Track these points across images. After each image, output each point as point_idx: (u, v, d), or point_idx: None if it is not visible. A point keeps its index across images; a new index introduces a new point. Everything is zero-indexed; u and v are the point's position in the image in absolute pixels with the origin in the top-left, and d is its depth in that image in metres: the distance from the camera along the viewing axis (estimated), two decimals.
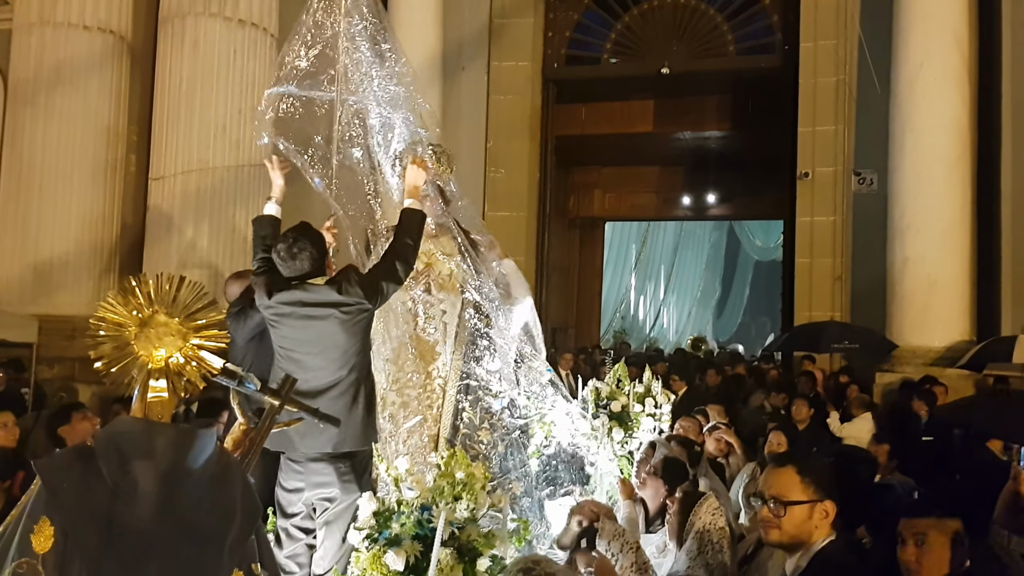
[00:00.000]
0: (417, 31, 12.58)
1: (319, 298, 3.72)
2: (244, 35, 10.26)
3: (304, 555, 3.72)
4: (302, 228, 3.88)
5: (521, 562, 2.46)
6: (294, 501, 3.73)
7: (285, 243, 3.79)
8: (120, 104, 10.23)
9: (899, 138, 10.73)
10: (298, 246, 3.75)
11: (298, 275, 3.77)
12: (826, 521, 2.49)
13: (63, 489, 1.78)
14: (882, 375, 10.27)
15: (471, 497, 2.87)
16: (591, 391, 6.18)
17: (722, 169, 17.56)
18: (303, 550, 3.72)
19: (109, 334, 1.92)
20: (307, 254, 3.75)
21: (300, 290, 3.75)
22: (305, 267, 3.76)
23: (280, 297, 3.76)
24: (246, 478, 2.08)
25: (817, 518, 2.48)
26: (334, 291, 3.73)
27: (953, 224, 10.45)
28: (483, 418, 4.50)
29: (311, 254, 3.76)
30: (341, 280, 3.79)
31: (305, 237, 3.80)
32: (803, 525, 2.47)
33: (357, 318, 3.77)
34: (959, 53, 10.56)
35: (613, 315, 27.68)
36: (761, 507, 2.53)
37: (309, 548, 3.72)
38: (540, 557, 2.76)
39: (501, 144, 13.65)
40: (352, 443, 3.67)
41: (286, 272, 3.79)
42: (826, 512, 2.48)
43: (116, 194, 10.20)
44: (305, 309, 3.73)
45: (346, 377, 3.73)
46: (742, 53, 13.61)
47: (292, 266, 3.76)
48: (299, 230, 3.85)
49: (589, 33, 14.31)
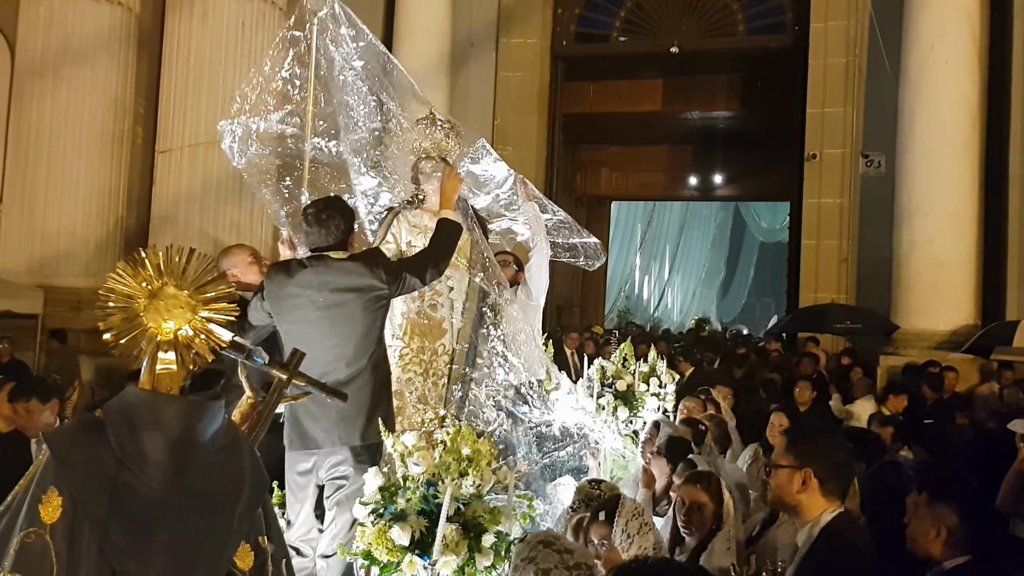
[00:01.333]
0: (427, 8, 12.51)
1: (341, 281, 3.61)
2: (253, 7, 10.22)
3: (315, 538, 3.64)
4: (334, 199, 3.81)
5: (541, 535, 2.49)
6: (303, 484, 3.65)
7: (315, 208, 3.71)
8: (128, 76, 10.21)
9: (908, 120, 10.67)
10: (327, 212, 3.67)
11: (321, 246, 3.68)
12: (811, 489, 2.62)
13: (72, 459, 1.79)
14: (886, 358, 10.26)
15: (477, 473, 2.87)
16: (596, 370, 6.19)
17: (730, 149, 17.52)
18: (314, 534, 3.65)
19: (118, 305, 1.91)
20: (335, 223, 3.66)
21: (322, 266, 3.63)
22: (330, 238, 3.67)
23: (300, 279, 3.63)
24: (254, 451, 2.09)
25: (797, 483, 2.64)
26: (358, 267, 3.63)
27: (961, 207, 10.40)
28: (489, 395, 4.51)
29: (339, 224, 3.68)
30: (364, 258, 3.70)
31: (335, 206, 3.73)
32: (786, 487, 2.67)
33: (376, 303, 3.67)
34: (971, 35, 10.47)
35: (618, 294, 27.70)
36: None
37: (318, 531, 3.64)
38: (557, 533, 2.82)
39: (509, 121, 13.61)
40: (377, 434, 3.45)
41: (310, 239, 3.70)
42: (805, 479, 2.62)
43: (123, 166, 10.20)
44: (325, 295, 3.61)
45: (366, 367, 3.63)
46: (752, 33, 13.53)
47: (317, 233, 3.67)
48: (330, 199, 3.79)
49: (599, 11, 14.22)
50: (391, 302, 3.93)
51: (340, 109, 4.62)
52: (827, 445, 2.78)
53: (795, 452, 2.71)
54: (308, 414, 3.52)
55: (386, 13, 12.95)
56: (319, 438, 3.55)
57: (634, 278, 29.49)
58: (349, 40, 4.57)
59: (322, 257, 3.67)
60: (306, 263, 3.70)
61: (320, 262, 3.65)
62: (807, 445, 2.74)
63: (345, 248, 3.74)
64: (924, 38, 10.54)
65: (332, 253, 3.67)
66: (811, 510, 2.64)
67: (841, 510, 2.65)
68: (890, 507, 3.45)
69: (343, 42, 4.55)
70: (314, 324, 3.60)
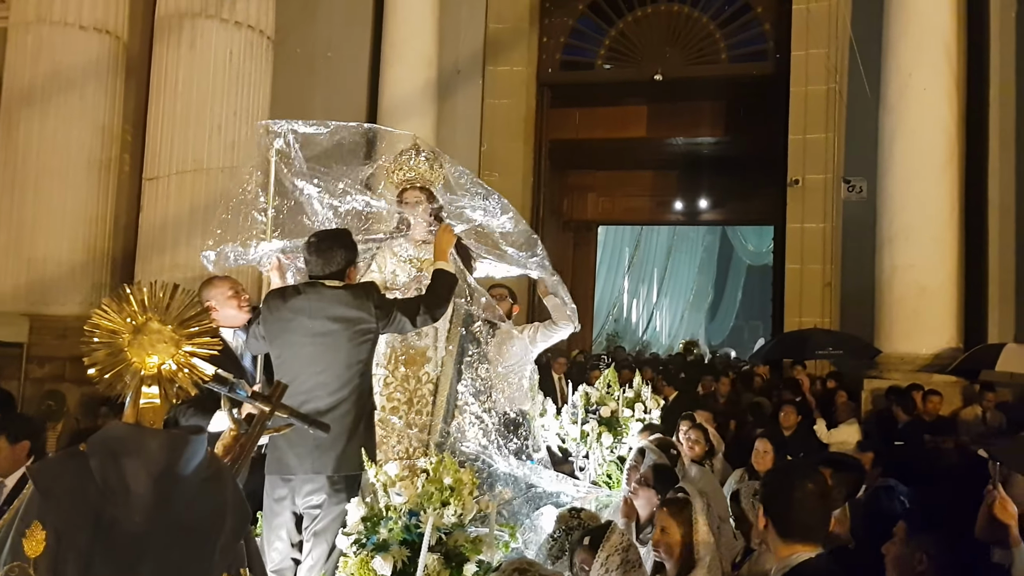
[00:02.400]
0: (413, 35, 12.63)
1: (332, 309, 3.67)
2: (241, 37, 10.28)
3: (289, 568, 3.63)
4: (339, 231, 3.91)
5: (516, 562, 2.50)
6: (279, 511, 3.64)
7: (318, 238, 3.80)
8: (115, 104, 10.25)
9: (888, 146, 10.81)
10: (329, 243, 3.76)
11: (318, 275, 3.75)
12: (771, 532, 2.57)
13: (56, 492, 1.82)
14: (870, 381, 10.33)
15: (458, 502, 2.91)
16: (581, 396, 6.22)
17: (715, 174, 17.67)
18: (288, 564, 3.63)
19: (103, 340, 1.95)
20: (336, 254, 3.75)
21: (315, 293, 3.69)
22: (328, 268, 3.74)
23: (294, 304, 3.70)
24: (236, 483, 2.13)
25: (761, 523, 2.60)
26: (350, 298, 3.69)
27: (942, 231, 10.51)
28: (472, 422, 4.54)
29: (339, 255, 3.76)
30: (357, 291, 3.74)
31: (338, 238, 3.81)
32: (756, 523, 2.69)
33: (363, 336, 3.71)
34: (948, 62, 10.64)
35: (606, 318, 27.73)
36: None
37: (294, 562, 3.63)
38: (531, 560, 2.82)
39: (496, 147, 13.70)
40: (353, 466, 3.55)
41: (310, 267, 3.78)
42: (766, 523, 2.58)
43: (110, 194, 10.21)
44: (316, 322, 3.66)
45: (348, 398, 3.65)
46: (735, 60, 13.70)
47: (316, 262, 3.75)
48: (335, 231, 3.88)
49: (584, 39, 14.38)
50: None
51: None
52: (791, 495, 2.60)
53: (763, 493, 2.71)
54: (286, 439, 3.52)
55: (373, 41, 13.07)
56: (293, 464, 3.58)
57: (622, 301, 29.55)
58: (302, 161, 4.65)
59: (317, 284, 3.75)
60: (301, 289, 3.79)
61: (314, 289, 3.74)
62: (771, 490, 2.69)
63: (342, 279, 3.81)
64: (903, 66, 10.70)
65: (327, 281, 3.75)
66: (777, 551, 2.60)
67: (812, 556, 2.55)
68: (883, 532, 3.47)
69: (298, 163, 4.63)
70: (302, 350, 3.67)
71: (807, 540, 2.57)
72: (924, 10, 10.65)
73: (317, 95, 12.69)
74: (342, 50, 13.17)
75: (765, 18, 13.44)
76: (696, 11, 13.79)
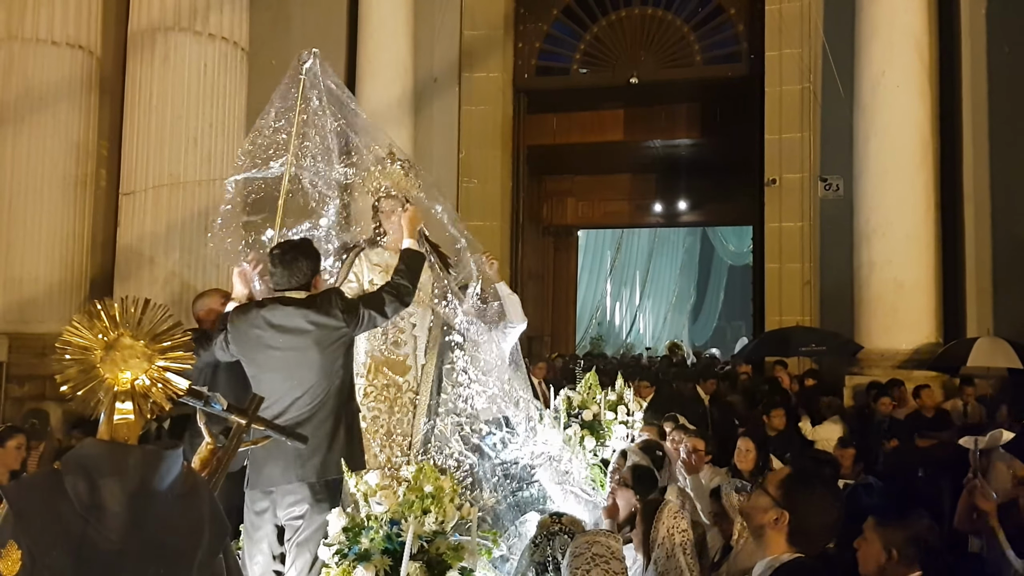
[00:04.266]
0: (388, 43, 12.63)
1: (297, 322, 3.65)
2: (215, 49, 10.25)
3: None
4: (301, 241, 3.90)
5: None
6: (260, 524, 3.63)
7: (281, 249, 3.78)
8: (90, 119, 10.18)
9: (863, 144, 10.91)
10: (292, 254, 3.75)
11: (284, 288, 3.73)
12: (780, 529, 2.54)
13: (30, 512, 1.80)
14: (851, 378, 10.40)
15: (439, 510, 2.91)
16: (563, 400, 6.22)
17: (693, 176, 17.76)
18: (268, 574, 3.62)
19: (75, 357, 1.94)
20: (299, 265, 3.73)
21: (278, 308, 3.67)
22: (293, 280, 3.72)
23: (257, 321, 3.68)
24: (213, 497, 2.11)
25: (771, 517, 2.55)
26: (315, 307, 3.67)
27: (918, 227, 10.62)
28: (454, 429, 4.54)
29: (302, 266, 3.74)
30: (320, 299, 3.73)
31: (300, 249, 3.80)
32: (759, 512, 2.59)
33: (334, 342, 3.70)
34: (920, 59, 10.76)
35: (589, 322, 27.79)
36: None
37: (276, 574, 3.62)
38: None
39: (474, 154, 13.72)
40: (336, 471, 3.52)
41: (275, 280, 3.76)
42: (779, 518, 2.54)
43: (87, 210, 10.14)
44: (282, 337, 3.65)
45: (325, 405, 3.64)
46: (709, 62, 13.79)
47: (281, 274, 3.73)
48: (296, 242, 3.87)
49: (558, 44, 14.44)
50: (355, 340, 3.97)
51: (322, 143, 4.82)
52: (819, 503, 2.59)
53: (785, 491, 2.60)
54: (265, 452, 3.52)
55: (348, 51, 13.05)
56: (275, 476, 3.56)
57: (605, 305, 29.62)
58: (334, 87, 4.91)
59: (280, 299, 3.72)
60: (265, 303, 3.76)
61: (277, 304, 3.71)
62: (801, 492, 2.60)
63: (308, 289, 3.79)
64: (875, 64, 10.81)
65: (292, 294, 3.73)
66: (773, 547, 2.56)
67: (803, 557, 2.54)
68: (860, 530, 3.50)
69: (325, 93, 4.83)
70: (273, 365, 3.65)
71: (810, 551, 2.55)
72: (895, 8, 10.77)
73: None
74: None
75: (738, 20, 13.54)
76: (669, 14, 13.88)
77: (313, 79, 4.73)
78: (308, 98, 4.71)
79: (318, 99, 4.74)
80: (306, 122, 4.72)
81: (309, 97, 4.72)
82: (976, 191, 11.24)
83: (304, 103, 4.68)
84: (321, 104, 4.75)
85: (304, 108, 4.68)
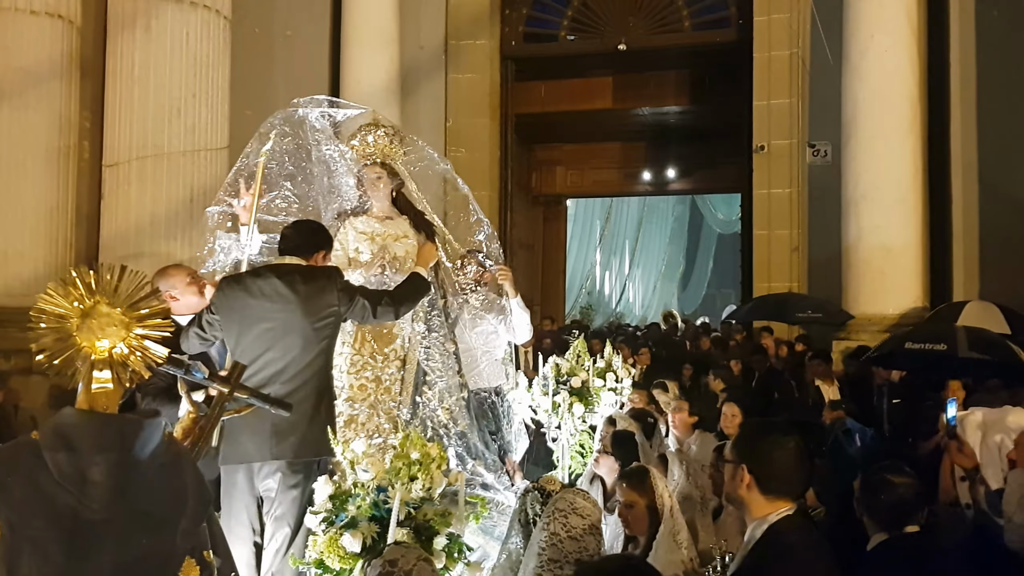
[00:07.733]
0: (373, 10, 12.48)
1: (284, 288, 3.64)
2: (197, 17, 10.09)
3: (252, 554, 3.61)
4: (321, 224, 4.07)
5: None
6: (238, 496, 3.62)
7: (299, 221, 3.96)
8: (71, 90, 10.03)
9: (851, 109, 10.86)
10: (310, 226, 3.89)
11: (288, 251, 3.78)
12: (751, 487, 2.57)
13: (8, 482, 1.79)
14: (839, 343, 10.44)
15: (426, 476, 2.90)
16: (551, 367, 6.22)
17: (682, 144, 17.69)
18: (250, 549, 3.61)
19: (50, 326, 1.92)
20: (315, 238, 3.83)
21: (272, 274, 3.67)
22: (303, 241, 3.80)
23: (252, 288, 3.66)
24: (196, 466, 2.10)
25: (739, 480, 2.59)
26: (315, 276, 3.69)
27: (906, 193, 10.60)
28: (442, 396, 4.54)
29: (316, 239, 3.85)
30: (319, 271, 3.73)
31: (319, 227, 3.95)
32: (730, 483, 2.66)
33: (323, 318, 3.68)
34: (909, 24, 10.68)
35: (579, 291, 27.81)
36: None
37: (256, 547, 3.62)
38: None
39: (462, 123, 13.62)
40: (313, 450, 3.56)
41: (283, 243, 3.81)
42: (742, 476, 2.58)
43: (70, 183, 10.01)
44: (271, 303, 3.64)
45: (309, 381, 3.63)
46: (697, 28, 13.66)
47: (292, 237, 3.80)
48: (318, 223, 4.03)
49: (546, 10, 14.27)
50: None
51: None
52: (769, 443, 2.62)
53: (737, 448, 2.67)
54: (244, 424, 3.49)
55: (333, 20, 12.89)
56: (251, 451, 3.55)
57: (595, 274, 29.63)
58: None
59: (277, 266, 3.72)
60: (259, 272, 3.74)
61: (270, 273, 3.69)
62: (746, 442, 2.68)
63: (307, 259, 3.81)
64: (864, 28, 10.73)
65: (290, 258, 3.71)
66: (755, 509, 2.57)
67: (789, 511, 2.56)
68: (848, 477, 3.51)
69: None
70: (261, 334, 3.62)
71: (789, 495, 2.59)
72: None
73: (278, 75, 12.50)
74: (302, 29, 12.96)
75: None
76: None
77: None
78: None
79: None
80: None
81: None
82: (964, 155, 11.23)
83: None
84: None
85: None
